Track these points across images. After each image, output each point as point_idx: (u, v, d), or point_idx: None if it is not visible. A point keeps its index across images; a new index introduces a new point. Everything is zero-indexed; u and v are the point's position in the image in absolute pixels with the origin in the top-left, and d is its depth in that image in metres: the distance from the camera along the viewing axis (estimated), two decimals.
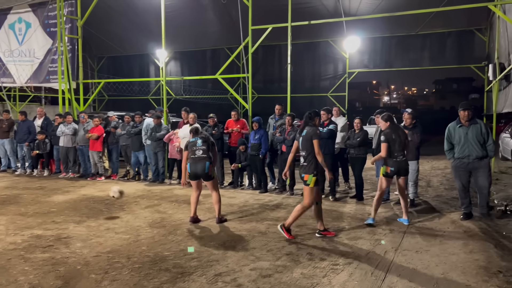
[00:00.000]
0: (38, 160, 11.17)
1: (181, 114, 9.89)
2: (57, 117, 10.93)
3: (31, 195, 8.25)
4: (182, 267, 4.40)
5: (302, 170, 5.44)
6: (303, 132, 5.56)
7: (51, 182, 9.86)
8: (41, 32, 12.68)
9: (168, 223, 6.22)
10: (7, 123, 11.17)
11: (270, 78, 19.70)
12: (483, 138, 6.13)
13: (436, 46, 16.35)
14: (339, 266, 4.42)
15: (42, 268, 4.36)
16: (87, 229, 5.88)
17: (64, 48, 11.78)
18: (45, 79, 12.85)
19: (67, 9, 12.07)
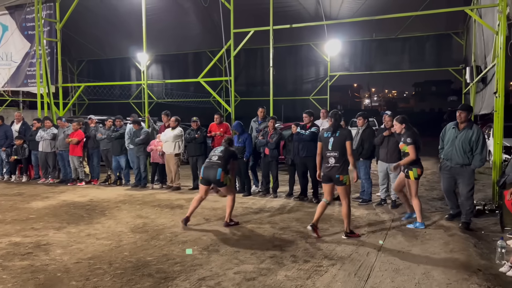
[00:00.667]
0: (16, 165, 10.91)
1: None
2: (35, 122, 10.71)
3: (9, 202, 8.05)
4: (165, 272, 4.35)
5: (335, 171, 5.49)
6: (336, 133, 5.59)
7: (30, 188, 9.65)
8: (19, 35, 12.42)
9: (150, 228, 6.15)
10: None
11: (253, 81, 19.72)
12: (470, 145, 5.78)
13: (415, 49, 16.66)
14: (323, 268, 4.45)
15: (21, 276, 4.25)
16: (68, 235, 5.77)
17: (43, 52, 11.56)
18: (23, 83, 12.57)
19: (46, 12, 11.85)
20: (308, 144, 7.80)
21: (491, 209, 6.83)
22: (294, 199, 8.13)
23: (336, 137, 5.57)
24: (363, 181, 7.74)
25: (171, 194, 8.85)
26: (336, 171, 5.51)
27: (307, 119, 7.93)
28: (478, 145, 5.77)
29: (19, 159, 10.77)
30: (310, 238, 5.54)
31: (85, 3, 12.48)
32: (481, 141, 5.76)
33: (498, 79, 7.05)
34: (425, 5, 11.38)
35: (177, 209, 7.41)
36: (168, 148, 9.20)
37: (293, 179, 8.46)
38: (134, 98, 20.06)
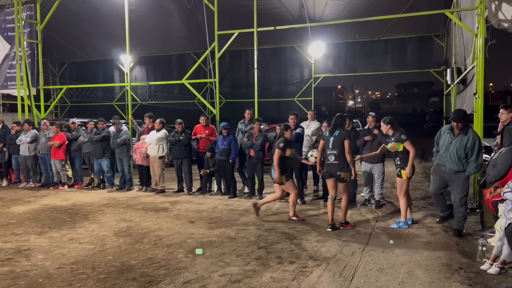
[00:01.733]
0: None
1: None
2: (14, 125, 10.49)
3: None
4: (149, 276, 4.31)
5: (335, 168, 5.98)
6: (336, 132, 6.04)
7: (10, 193, 9.45)
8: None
9: (134, 231, 6.08)
10: None
11: (238, 83, 19.71)
12: (465, 152, 5.51)
13: (397, 51, 16.89)
14: (308, 269, 4.47)
15: (1, 283, 4.16)
16: (49, 240, 5.67)
17: (23, 53, 11.35)
18: (3, 85, 12.30)
19: (26, 13, 11.64)
20: (294, 145, 7.81)
21: (472, 208, 6.96)
22: (279, 201, 8.14)
23: (335, 136, 6.02)
24: None
25: (155, 197, 8.77)
26: (336, 168, 5.97)
27: (292, 121, 7.96)
28: (473, 152, 5.48)
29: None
30: (296, 239, 5.56)
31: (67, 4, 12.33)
32: (477, 147, 5.50)
33: (478, 80, 7.20)
34: (406, 7, 11.57)
35: (162, 212, 7.35)
36: (152, 150, 9.13)
37: None
38: (117, 100, 19.84)
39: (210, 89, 17.78)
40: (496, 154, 5.60)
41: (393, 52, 16.96)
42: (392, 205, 7.71)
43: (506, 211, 4.42)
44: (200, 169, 9.16)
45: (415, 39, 16.44)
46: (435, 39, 15.57)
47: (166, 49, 18.50)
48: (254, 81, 9.68)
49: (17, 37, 11.38)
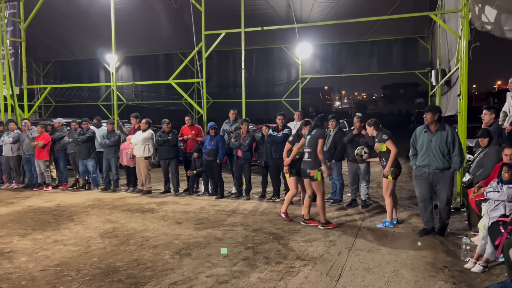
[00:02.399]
0: None
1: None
2: None
3: None
4: (135, 278, 4.27)
5: (307, 165, 6.14)
6: (313, 131, 6.21)
7: None
8: None
9: (120, 232, 6.02)
10: None
11: (225, 83, 19.66)
12: (447, 147, 5.46)
13: (383, 52, 17.05)
14: (295, 269, 4.48)
15: None
16: (33, 242, 5.57)
17: (6, 52, 11.15)
18: None
19: (9, 11, 11.44)
20: (281, 146, 7.82)
21: (456, 208, 7.07)
22: (267, 201, 8.16)
23: (312, 135, 6.19)
24: (335, 182, 7.86)
25: (141, 198, 8.70)
26: (308, 166, 6.13)
27: (280, 121, 7.98)
28: (455, 146, 5.45)
29: None
30: (283, 239, 5.57)
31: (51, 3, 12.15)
32: (457, 141, 5.50)
33: (462, 82, 7.32)
34: (392, 9, 11.70)
35: (148, 213, 7.28)
36: (138, 151, 9.05)
37: (266, 181, 8.49)
38: (103, 100, 19.61)
39: (197, 89, 17.72)
40: (481, 154, 5.69)
41: (379, 54, 17.12)
42: (378, 205, 7.78)
43: (489, 210, 4.50)
44: (187, 170, 9.12)
45: (400, 41, 16.62)
46: (420, 41, 15.77)
47: (152, 49, 18.36)
48: (242, 82, 9.67)
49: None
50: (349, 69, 17.76)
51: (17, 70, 11.54)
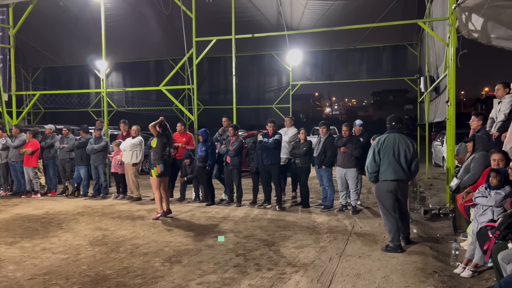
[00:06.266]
0: None
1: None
2: None
3: None
4: (125, 286, 4.22)
5: None
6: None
7: None
8: None
9: (110, 240, 5.96)
10: None
11: (216, 89, 19.69)
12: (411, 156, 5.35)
13: (372, 59, 17.25)
14: (286, 275, 4.47)
15: None
16: (21, 250, 5.48)
17: None
18: None
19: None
20: (272, 152, 7.87)
21: (445, 213, 7.14)
22: (258, 207, 8.15)
23: None
24: (325, 188, 7.89)
25: (131, 205, 8.63)
26: None
27: (272, 129, 7.99)
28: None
29: None
30: (274, 246, 5.56)
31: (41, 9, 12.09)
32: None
33: (450, 88, 7.42)
34: (381, 17, 11.85)
35: (138, 220, 7.23)
36: (126, 157, 8.99)
37: (257, 187, 8.49)
38: (93, 106, 19.48)
39: (188, 96, 17.72)
40: (468, 159, 5.77)
41: (369, 60, 17.31)
42: (370, 210, 7.82)
43: (477, 216, 4.55)
44: (176, 177, 9.07)
45: (389, 48, 16.83)
46: (409, 48, 15.98)
47: (143, 55, 18.33)
48: (233, 88, 9.69)
49: None
50: (339, 76, 17.91)
51: (5, 76, 11.42)
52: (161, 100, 17.95)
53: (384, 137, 5.39)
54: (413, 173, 5.48)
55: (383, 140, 5.36)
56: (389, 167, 5.26)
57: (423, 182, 10.99)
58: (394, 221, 5.30)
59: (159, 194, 7.26)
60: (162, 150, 7.28)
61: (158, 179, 7.21)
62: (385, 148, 5.30)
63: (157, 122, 7.31)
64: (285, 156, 8.44)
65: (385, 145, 5.32)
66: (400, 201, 5.40)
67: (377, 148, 5.34)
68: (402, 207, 5.45)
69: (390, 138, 5.35)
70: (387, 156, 5.28)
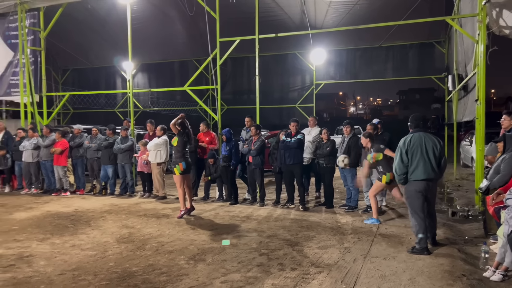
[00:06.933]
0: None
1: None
2: (20, 131, 10.54)
3: None
4: (151, 283, 4.31)
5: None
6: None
7: (13, 199, 9.46)
8: (1, 44, 12.23)
9: (136, 238, 6.08)
10: None
11: (239, 89, 19.79)
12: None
13: (398, 57, 16.94)
14: (309, 275, 4.45)
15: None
16: (51, 246, 5.67)
17: (26, 60, 11.43)
18: (6, 92, 12.36)
19: (29, 21, 11.73)
20: (294, 152, 7.84)
21: (474, 215, 6.95)
22: (281, 207, 8.14)
23: None
24: (350, 188, 7.81)
25: (157, 204, 8.78)
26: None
27: (295, 128, 7.97)
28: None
29: (2, 170, 10.56)
30: (297, 246, 5.55)
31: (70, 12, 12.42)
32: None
33: (479, 87, 7.21)
34: (408, 14, 11.62)
35: (163, 218, 7.34)
36: (151, 157, 9.15)
37: (280, 187, 8.48)
38: (120, 107, 19.91)
39: (212, 96, 17.88)
40: (499, 160, 5.59)
41: (394, 59, 17.01)
42: (395, 211, 7.69)
43: (508, 218, 4.40)
44: (200, 176, 9.17)
45: (416, 46, 16.49)
46: (437, 45, 15.59)
47: (167, 56, 18.60)
48: (256, 88, 9.72)
49: (20, 45, 11.46)
50: (363, 75, 17.69)
51: (36, 78, 11.80)
52: (185, 100, 18.20)
53: (410, 137, 5.33)
54: (442, 171, 5.43)
55: (409, 140, 5.29)
56: (419, 166, 5.20)
57: (451, 183, 10.72)
58: (422, 222, 5.21)
59: (182, 191, 7.39)
60: (183, 148, 7.43)
61: (181, 177, 7.35)
62: (413, 148, 5.24)
63: (176, 120, 7.42)
64: (308, 156, 8.40)
65: (412, 144, 5.26)
66: (429, 202, 5.32)
67: (404, 149, 5.27)
68: (430, 208, 5.37)
69: (416, 137, 5.29)
70: (415, 156, 5.22)
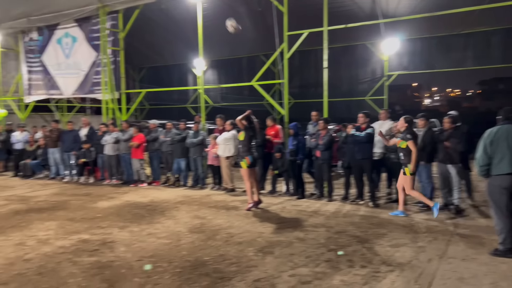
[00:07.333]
0: (84, 167, 11.66)
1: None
2: (102, 126, 11.39)
3: (78, 201, 8.62)
4: (221, 272, 4.45)
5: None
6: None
7: (97, 189, 10.27)
8: (86, 45, 13.27)
9: (207, 228, 6.31)
10: (56, 133, 11.77)
11: (307, 83, 19.59)
12: None
13: (480, 45, 15.65)
14: (380, 274, 4.32)
15: (89, 271, 4.54)
16: (130, 234, 6.07)
17: (107, 60, 12.29)
18: (90, 90, 13.40)
19: (110, 23, 12.58)
20: (364, 146, 7.62)
21: None
22: (350, 203, 7.97)
23: None
24: (424, 185, 7.43)
25: (226, 196, 9.02)
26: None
27: (362, 120, 7.75)
28: None
29: (87, 162, 11.51)
30: (367, 243, 5.40)
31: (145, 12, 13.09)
32: None
33: None
34: None
35: (233, 210, 7.54)
36: (220, 150, 9.41)
37: (349, 182, 8.29)
38: (191, 102, 20.70)
39: (278, 90, 17.91)
40: None
41: (475, 47, 15.74)
42: (475, 209, 7.18)
43: None
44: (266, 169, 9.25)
45: (500, 32, 15.11)
46: None
47: (236, 52, 18.93)
48: (324, 81, 9.56)
49: (102, 45, 12.36)
50: (440, 64, 16.60)
51: (116, 76, 12.65)
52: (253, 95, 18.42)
53: (497, 129, 4.94)
54: None
55: (495, 132, 4.91)
56: (504, 159, 4.79)
57: None
58: (507, 221, 4.80)
59: (250, 184, 7.53)
60: (249, 142, 7.59)
61: (248, 170, 7.52)
62: (498, 140, 4.85)
63: (244, 116, 7.58)
64: (379, 151, 8.11)
65: (497, 136, 4.86)
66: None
67: (489, 140, 4.90)
68: None
69: (504, 129, 4.89)
70: (500, 148, 4.82)
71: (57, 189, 10.35)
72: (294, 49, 9.85)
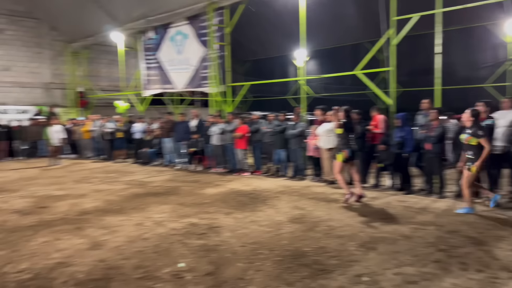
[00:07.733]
0: (194, 156, 12.50)
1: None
2: (209, 118, 12.08)
3: (188, 187, 9.29)
4: (322, 264, 4.43)
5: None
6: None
7: (204, 176, 10.93)
8: (196, 41, 14.15)
9: (307, 219, 6.31)
10: (170, 124, 12.81)
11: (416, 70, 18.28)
12: None
13: None
14: (499, 280, 3.89)
15: (197, 253, 4.88)
16: (235, 220, 6.36)
17: (215, 55, 12.95)
18: (198, 84, 14.30)
19: (217, 18, 13.22)
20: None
21: None
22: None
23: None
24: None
25: (326, 188, 8.92)
26: None
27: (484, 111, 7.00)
28: None
29: (196, 151, 12.32)
30: (484, 245, 4.90)
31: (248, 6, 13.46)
32: None
33: None
34: None
35: (333, 203, 7.43)
36: (322, 142, 9.29)
37: None
38: (292, 93, 20.81)
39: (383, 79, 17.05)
40: None
41: None
42: None
43: None
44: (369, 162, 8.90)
45: None
46: None
47: (338, 41, 18.48)
48: (436, 68, 8.83)
49: (209, 41, 13.05)
50: None
51: (222, 70, 13.28)
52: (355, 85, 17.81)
53: None
54: None
55: None
56: None
57: None
58: None
59: (342, 177, 7.39)
60: (347, 135, 7.35)
61: (343, 164, 7.33)
62: None
63: (337, 110, 7.38)
64: (501, 144, 7.24)
65: None
66: None
67: None
68: None
69: None
70: None
71: (170, 175, 11.28)
72: (402, 34, 9.26)
